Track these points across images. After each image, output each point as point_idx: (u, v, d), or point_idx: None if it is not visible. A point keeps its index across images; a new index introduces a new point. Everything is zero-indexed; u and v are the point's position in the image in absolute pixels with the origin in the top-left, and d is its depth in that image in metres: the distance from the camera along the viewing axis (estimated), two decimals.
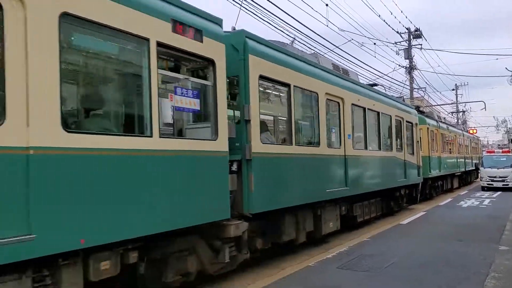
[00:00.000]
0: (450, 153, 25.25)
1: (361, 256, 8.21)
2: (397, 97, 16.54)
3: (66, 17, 4.21)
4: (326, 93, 9.57)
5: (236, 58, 6.88)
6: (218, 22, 6.38)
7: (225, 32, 6.70)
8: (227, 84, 6.69)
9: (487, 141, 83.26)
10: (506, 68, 61.11)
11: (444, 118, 38.37)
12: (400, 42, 31.26)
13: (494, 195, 21.72)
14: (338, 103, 10.29)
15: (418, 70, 37.73)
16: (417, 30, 30.97)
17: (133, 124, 5.21)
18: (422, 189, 18.47)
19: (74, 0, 4.29)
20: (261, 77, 7.31)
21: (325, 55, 16.72)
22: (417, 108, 19.73)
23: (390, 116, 13.99)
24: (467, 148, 32.30)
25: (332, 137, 9.95)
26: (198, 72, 6.28)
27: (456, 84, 53.07)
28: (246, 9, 14.29)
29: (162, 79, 5.42)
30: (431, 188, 21.15)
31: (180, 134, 5.89)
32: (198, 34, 5.85)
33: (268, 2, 14.43)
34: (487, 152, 32.97)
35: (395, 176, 14.10)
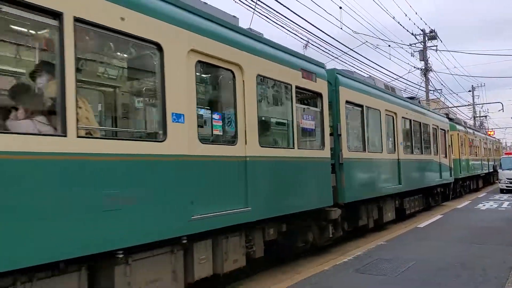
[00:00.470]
0: (476, 155, 27.38)
1: (377, 260, 8.12)
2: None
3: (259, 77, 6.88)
4: (385, 110, 12.11)
5: (330, 89, 9.44)
6: (323, 66, 9.00)
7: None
8: None
9: (505, 142, 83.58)
10: None
11: (465, 122, 39.48)
12: (415, 44, 31.09)
13: None
14: (393, 117, 12.81)
15: (434, 72, 38.35)
16: (432, 31, 30.94)
17: (289, 141, 7.79)
18: (453, 188, 20.81)
19: (265, 70, 6.95)
20: (347, 102, 9.91)
21: (339, 57, 17.56)
22: (447, 115, 22.07)
23: (428, 125, 16.44)
24: (490, 150, 34.27)
25: (389, 144, 12.46)
26: (312, 102, 8.85)
27: (472, 86, 52.76)
28: (260, 13, 14.32)
29: (296, 110, 8.00)
30: (461, 187, 23.41)
31: (305, 146, 8.46)
32: (314, 76, 8.46)
33: (281, 5, 13.29)
34: (506, 154, 32.52)
35: (433, 176, 16.53)
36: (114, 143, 4.62)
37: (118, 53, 5.34)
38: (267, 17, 14.77)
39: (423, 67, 31.36)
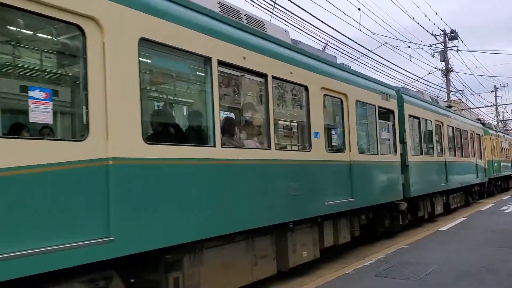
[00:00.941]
0: (506, 157, 29.25)
1: (399, 264, 8.00)
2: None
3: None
4: (435, 120, 14.45)
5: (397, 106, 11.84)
6: (393, 88, 11.41)
7: None
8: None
9: None
10: None
11: (495, 126, 39.94)
12: (435, 44, 30.85)
13: None
14: (440, 125, 15.13)
15: (455, 72, 37.82)
16: (452, 31, 30.85)
17: (375, 149, 10.19)
18: (488, 187, 22.93)
19: (361, 96, 9.42)
20: (409, 115, 12.29)
21: (358, 59, 17.40)
22: (481, 121, 24.21)
23: (467, 131, 18.67)
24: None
25: (438, 149, 14.77)
26: (386, 117, 11.23)
27: (495, 86, 52.05)
28: (278, 16, 14.39)
29: (379, 124, 10.41)
30: (494, 186, 25.43)
31: (384, 152, 10.85)
32: (388, 97, 10.87)
33: (299, 8, 13.88)
34: None
35: (471, 176, 18.75)
36: (289, 153, 7.17)
37: (292, 95, 7.70)
38: (285, 20, 14.73)
39: (444, 68, 31.18)
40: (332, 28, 17.86)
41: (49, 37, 4.49)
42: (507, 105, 56.38)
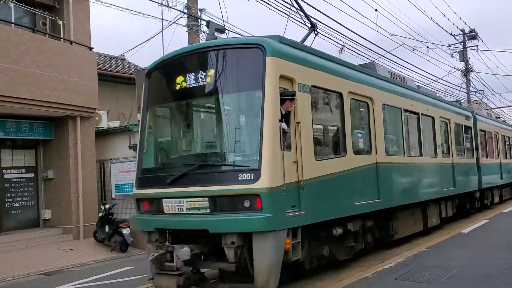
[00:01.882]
0: None
1: (420, 267, 7.92)
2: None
3: None
4: (501, 135, 19.04)
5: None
6: (470, 110, 16.06)
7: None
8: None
9: None
10: None
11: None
12: (454, 44, 30.60)
13: None
14: (496, 135, 19.55)
15: (475, 72, 36.18)
16: (472, 31, 30.53)
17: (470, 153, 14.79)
18: None
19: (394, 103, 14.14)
20: (480, 130, 16.84)
21: (376, 60, 17.58)
22: None
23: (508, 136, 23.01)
24: None
25: (500, 153, 19.25)
26: (465, 132, 15.66)
27: None
28: (294, 19, 13.91)
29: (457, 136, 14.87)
30: None
31: (461, 156, 15.27)
32: (467, 117, 15.45)
33: (316, 10, 14.82)
34: None
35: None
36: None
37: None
38: (302, 23, 13.96)
39: (464, 68, 30.91)
40: (349, 29, 20.89)
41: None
42: None
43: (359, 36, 19.44)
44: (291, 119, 6.72)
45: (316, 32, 9.87)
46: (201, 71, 6.92)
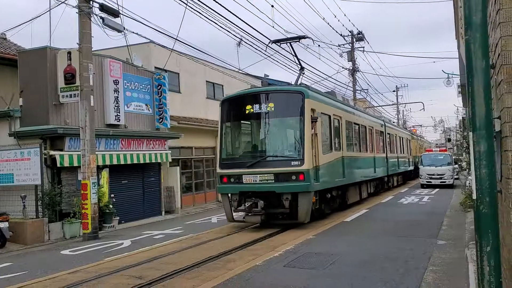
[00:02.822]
0: (417, 153, 35.83)
1: (306, 254, 8.29)
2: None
3: None
4: (387, 132, 26.29)
5: None
6: (381, 119, 23.78)
7: None
8: None
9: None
10: (442, 70, 67.35)
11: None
12: (343, 44, 31.74)
13: (433, 192, 22.56)
14: (394, 136, 26.82)
15: (361, 72, 36.78)
16: (359, 33, 31.82)
17: (382, 150, 21.67)
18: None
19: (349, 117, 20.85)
20: (387, 133, 23.92)
21: (271, 56, 19.31)
22: (410, 131, 36.51)
23: (403, 137, 30.46)
24: (420, 148, 40.31)
25: (386, 151, 26.46)
26: (380, 135, 22.24)
27: (396, 86, 54.10)
28: (192, 8, 14.04)
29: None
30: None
31: (380, 152, 22.06)
32: (382, 125, 22.74)
33: (213, 1, 14.45)
34: (426, 151, 33.68)
35: (407, 165, 30.70)
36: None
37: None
38: (200, 12, 13.63)
39: (351, 68, 32.39)
40: (246, 23, 20.97)
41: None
42: (406, 104, 57.95)
43: (256, 31, 20.05)
44: (312, 132, 12.11)
45: (303, 72, 15.10)
46: (265, 103, 12.31)
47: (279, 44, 15.09)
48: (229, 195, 12.41)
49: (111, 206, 14.56)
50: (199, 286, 6.79)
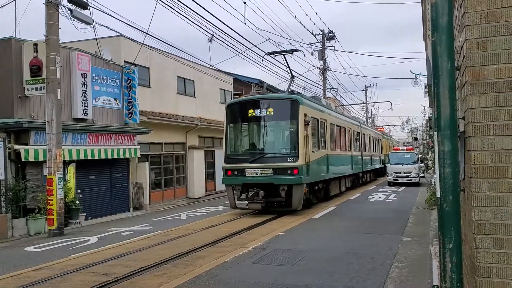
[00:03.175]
0: (386, 151, 40.47)
1: (275, 251, 8.40)
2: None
3: None
4: (362, 133, 26.73)
5: None
6: (358, 121, 23.32)
7: None
8: None
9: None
10: (410, 71, 70.33)
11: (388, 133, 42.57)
12: (314, 43, 32.02)
13: (399, 190, 22.68)
14: (368, 136, 27.29)
15: (331, 71, 38.24)
16: (330, 32, 31.99)
17: (358, 149, 21.97)
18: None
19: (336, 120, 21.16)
20: (363, 133, 24.19)
21: (243, 53, 19.18)
22: (382, 132, 37.44)
23: (375, 137, 31.31)
24: (389, 147, 45.51)
25: (361, 150, 26.95)
26: (357, 135, 22.77)
27: (366, 85, 54.14)
28: (163, 2, 13.31)
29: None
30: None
31: (357, 151, 22.44)
32: (358, 126, 22.59)
33: None
34: (393, 149, 34.03)
35: (377, 163, 31.41)
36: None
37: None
38: (171, 7, 14.13)
39: (322, 66, 32.44)
40: (218, 19, 21.86)
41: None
42: (375, 103, 60.37)
43: (228, 27, 20.20)
44: (305, 133, 13.90)
45: (293, 80, 17.30)
46: (265, 108, 14.30)
47: (273, 56, 17.33)
48: (233, 186, 14.23)
49: (77, 202, 14.36)
50: (167, 283, 6.80)
